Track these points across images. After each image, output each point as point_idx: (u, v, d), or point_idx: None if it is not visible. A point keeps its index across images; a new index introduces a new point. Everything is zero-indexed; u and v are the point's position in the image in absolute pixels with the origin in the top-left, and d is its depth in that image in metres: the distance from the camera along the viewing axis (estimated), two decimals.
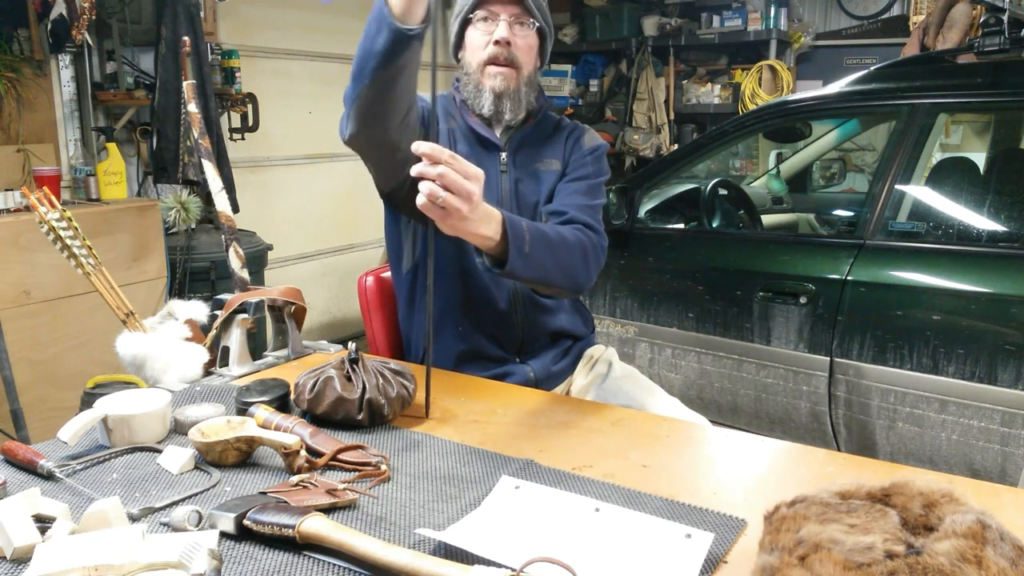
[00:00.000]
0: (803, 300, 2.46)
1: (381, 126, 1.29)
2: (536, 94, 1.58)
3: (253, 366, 1.49)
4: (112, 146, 3.13)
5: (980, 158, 3.03)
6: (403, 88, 1.25)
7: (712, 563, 0.83)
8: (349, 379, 1.20)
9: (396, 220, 1.60)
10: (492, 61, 1.47)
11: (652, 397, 1.57)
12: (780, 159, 4.08)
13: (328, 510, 0.92)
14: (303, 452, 1.05)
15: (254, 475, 1.05)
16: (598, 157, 1.62)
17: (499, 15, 1.46)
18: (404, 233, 1.59)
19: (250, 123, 3.63)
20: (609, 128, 5.39)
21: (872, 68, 2.80)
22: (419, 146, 1.07)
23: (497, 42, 1.45)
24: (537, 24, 1.49)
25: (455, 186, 1.08)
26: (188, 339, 1.47)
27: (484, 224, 1.20)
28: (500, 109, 1.50)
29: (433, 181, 1.08)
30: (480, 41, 1.48)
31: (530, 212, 1.56)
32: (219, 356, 1.49)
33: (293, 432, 1.09)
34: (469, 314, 1.55)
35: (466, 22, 1.51)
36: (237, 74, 3.52)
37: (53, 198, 1.45)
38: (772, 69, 4.86)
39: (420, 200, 1.09)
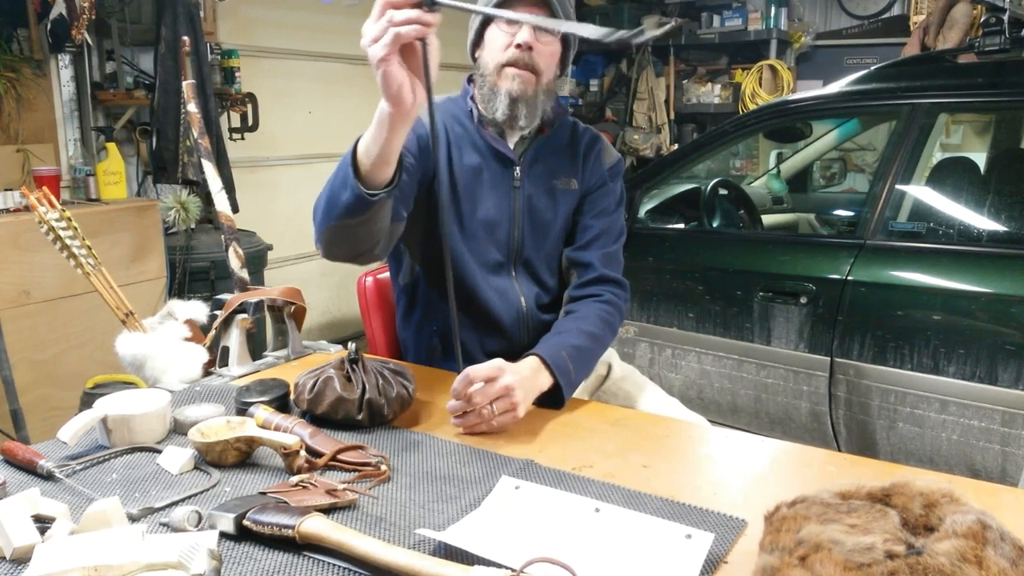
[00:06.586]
0: (803, 300, 2.46)
1: (351, 257, 1.26)
2: (553, 103, 1.48)
3: (253, 366, 1.49)
4: (112, 146, 3.12)
5: (980, 158, 3.02)
6: (371, 232, 1.19)
7: (712, 563, 0.83)
8: (349, 379, 1.20)
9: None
10: (511, 64, 1.39)
11: (651, 397, 1.57)
12: (780, 159, 4.08)
13: (328, 510, 0.92)
14: (303, 452, 1.05)
15: (254, 475, 1.04)
16: (616, 174, 1.57)
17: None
18: (403, 247, 1.53)
19: (250, 123, 3.62)
20: (609, 128, 5.40)
21: (872, 68, 2.80)
22: (449, 407, 1.18)
23: (519, 46, 1.37)
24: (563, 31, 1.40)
25: (498, 423, 1.18)
26: (188, 339, 1.47)
27: (537, 391, 1.26)
28: (515, 114, 1.41)
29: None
30: (501, 42, 1.40)
31: (543, 230, 1.50)
32: (219, 356, 1.49)
33: (293, 432, 1.09)
34: (475, 335, 1.49)
35: (487, 20, 1.43)
36: (237, 74, 3.52)
37: (53, 198, 1.45)
38: (772, 69, 4.87)
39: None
